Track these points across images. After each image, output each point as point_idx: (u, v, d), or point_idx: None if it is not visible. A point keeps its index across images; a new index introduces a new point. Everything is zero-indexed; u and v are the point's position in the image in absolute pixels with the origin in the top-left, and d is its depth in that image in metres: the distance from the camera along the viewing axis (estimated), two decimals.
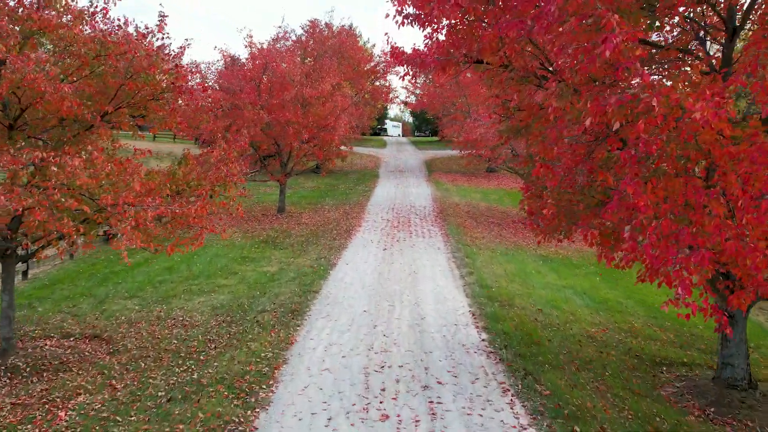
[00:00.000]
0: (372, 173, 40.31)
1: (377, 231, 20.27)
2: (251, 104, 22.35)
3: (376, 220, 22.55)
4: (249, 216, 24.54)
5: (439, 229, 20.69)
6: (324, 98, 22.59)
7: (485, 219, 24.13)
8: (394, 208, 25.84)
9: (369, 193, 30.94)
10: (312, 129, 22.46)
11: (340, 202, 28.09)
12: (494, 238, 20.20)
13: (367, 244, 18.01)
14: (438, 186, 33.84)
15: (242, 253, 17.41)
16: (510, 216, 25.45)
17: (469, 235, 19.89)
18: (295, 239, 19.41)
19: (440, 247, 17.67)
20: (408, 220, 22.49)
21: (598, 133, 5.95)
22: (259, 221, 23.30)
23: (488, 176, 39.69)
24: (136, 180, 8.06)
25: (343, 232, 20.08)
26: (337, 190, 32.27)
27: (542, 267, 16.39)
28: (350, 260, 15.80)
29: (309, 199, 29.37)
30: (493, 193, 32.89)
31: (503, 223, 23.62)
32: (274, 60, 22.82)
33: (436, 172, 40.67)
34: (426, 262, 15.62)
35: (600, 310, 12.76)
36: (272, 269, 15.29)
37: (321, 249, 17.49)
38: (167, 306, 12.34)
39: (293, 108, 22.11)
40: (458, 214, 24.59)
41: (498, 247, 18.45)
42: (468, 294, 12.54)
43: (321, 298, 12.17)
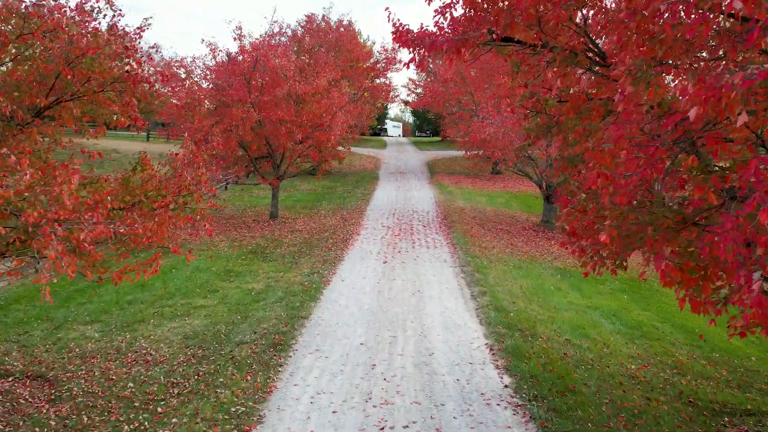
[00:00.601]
0: (372, 175, 38.54)
1: (377, 240, 18.50)
2: (240, 101, 20.59)
3: (375, 227, 20.78)
4: (239, 222, 22.78)
5: (445, 238, 18.91)
6: (319, 95, 20.82)
7: (493, 225, 22.36)
8: (395, 213, 24.06)
9: (368, 196, 29.17)
10: (306, 128, 20.69)
11: (338, 206, 26.32)
12: (505, 247, 18.43)
13: (365, 256, 16.24)
14: (441, 189, 32.07)
15: (227, 266, 15.64)
16: (519, 222, 23.68)
17: (477, 244, 18.11)
18: (286, 249, 17.64)
19: (446, 259, 15.90)
20: (410, 227, 20.72)
21: (690, 132, 4.20)
22: (249, 228, 21.53)
23: (493, 178, 37.92)
24: (65, 191, 6.28)
25: (339, 241, 18.31)
26: (335, 194, 30.50)
27: (562, 283, 14.62)
28: (346, 276, 14.03)
29: (304, 203, 27.60)
30: (499, 196, 31.13)
31: (513, 229, 21.85)
32: (266, 54, 21.04)
33: (439, 174, 38.91)
34: (432, 278, 13.84)
35: (635, 338, 10.98)
36: (258, 286, 13.51)
37: (314, 262, 15.71)
38: (132, 334, 10.57)
39: (286, 105, 20.34)
40: (464, 219, 22.82)
41: (510, 259, 16.68)
42: (482, 320, 10.75)
43: (310, 325, 10.39)
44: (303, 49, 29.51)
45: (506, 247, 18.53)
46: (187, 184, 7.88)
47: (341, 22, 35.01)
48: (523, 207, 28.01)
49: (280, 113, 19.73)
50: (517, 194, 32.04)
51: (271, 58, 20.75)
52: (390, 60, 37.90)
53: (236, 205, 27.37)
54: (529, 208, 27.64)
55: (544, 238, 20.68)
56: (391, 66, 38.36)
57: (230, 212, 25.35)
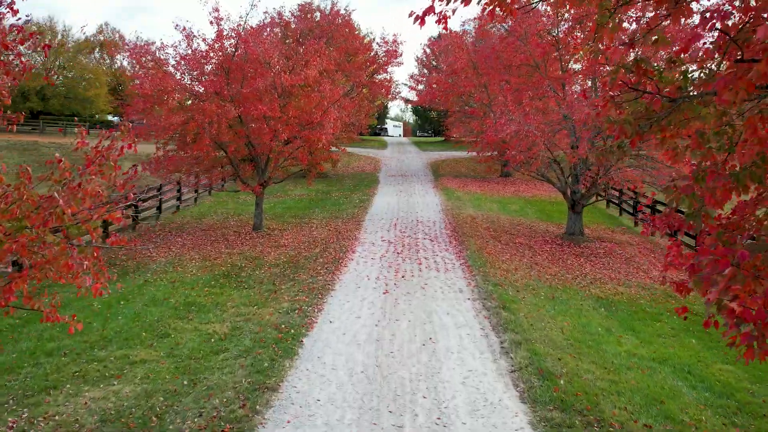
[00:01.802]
0: (371, 178, 35.50)
1: (376, 260, 15.45)
2: (216, 94, 17.56)
3: (374, 242, 17.72)
4: (217, 234, 19.75)
5: (457, 256, 15.86)
6: (309, 87, 17.78)
7: (510, 238, 19.31)
8: (397, 223, 21.01)
9: (367, 202, 26.13)
10: (293, 126, 17.66)
11: (332, 214, 23.27)
12: (529, 269, 15.39)
13: (361, 283, 13.19)
14: (447, 194, 29.02)
15: (189, 297, 12.60)
16: (539, 233, 20.63)
17: (496, 265, 15.07)
18: (266, 272, 14.59)
19: (462, 287, 12.84)
20: (415, 243, 17.67)
21: None
22: (228, 242, 18.48)
23: (503, 181, 34.90)
24: None
25: (330, 261, 15.26)
26: (329, 200, 27.46)
27: (610, 321, 11.56)
28: (336, 314, 10.97)
29: (295, 210, 24.55)
30: (512, 202, 28.09)
31: (534, 244, 18.80)
32: (247, 40, 18.01)
33: (444, 177, 35.87)
34: (446, 318, 10.78)
35: (730, 413, 7.94)
36: (222, 329, 10.45)
37: (298, 291, 12.66)
38: (31, 411, 7.53)
39: (269, 99, 17.31)
40: (477, 231, 19.78)
41: (539, 286, 13.63)
42: (523, 393, 7.69)
43: (279, 405, 7.31)
44: (291, 35, 26.40)
45: (530, 267, 15.48)
46: (59, 213, 4.79)
47: (337, 12, 31.93)
48: (539, 215, 24.96)
49: (262, 108, 16.69)
50: (531, 200, 29.01)
51: (252, 44, 17.71)
52: (391, 53, 34.87)
53: (219, 213, 24.32)
54: (547, 217, 24.60)
55: (571, 254, 17.63)
56: (392, 60, 35.33)
57: (210, 221, 22.32)
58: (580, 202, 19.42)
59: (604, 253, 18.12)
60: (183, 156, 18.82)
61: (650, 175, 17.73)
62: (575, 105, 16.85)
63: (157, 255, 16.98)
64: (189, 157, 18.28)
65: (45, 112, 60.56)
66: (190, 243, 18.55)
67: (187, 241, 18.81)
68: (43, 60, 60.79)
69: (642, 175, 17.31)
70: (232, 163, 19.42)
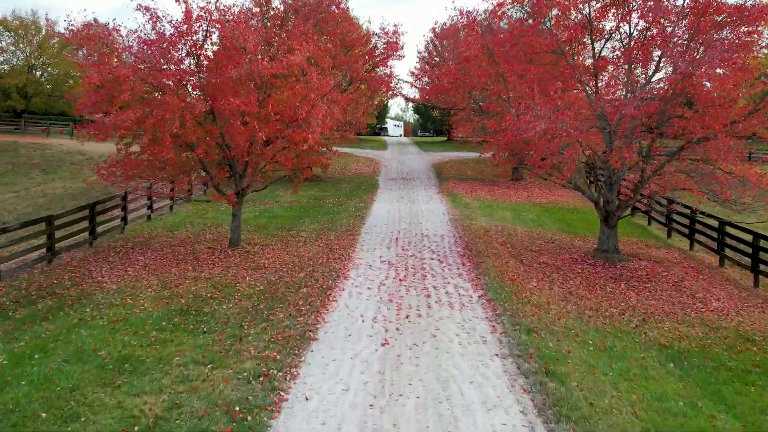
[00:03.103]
0: (369, 181, 32.49)
1: (373, 290, 12.45)
2: (184, 85, 14.58)
3: (371, 264, 14.72)
4: (187, 251, 16.74)
5: (473, 284, 12.86)
6: (293, 78, 14.76)
7: (533, 257, 16.30)
8: (399, 237, 18.01)
9: (364, 211, 23.12)
10: (274, 124, 14.65)
11: (324, 225, 20.27)
12: (564, 300, 12.39)
13: (353, 327, 10.17)
14: (454, 200, 26.01)
15: (128, 346, 9.58)
16: (564, 249, 17.61)
17: (524, 297, 12.05)
18: (234, 308, 11.57)
19: (486, 334, 9.80)
20: (421, 264, 14.65)
21: None
22: (198, 262, 15.47)
23: (513, 185, 31.89)
24: None
25: (316, 292, 12.24)
26: (322, 207, 24.43)
27: (687, 385, 8.54)
28: (316, 384, 7.92)
29: (282, 220, 21.52)
30: (527, 209, 25.07)
31: (561, 263, 15.79)
32: (219, 21, 15.01)
33: (449, 181, 32.87)
34: (470, 392, 7.71)
35: None
36: (155, 407, 7.43)
37: (269, 340, 9.63)
38: None
39: (245, 92, 14.30)
40: (493, 248, 16.78)
41: (584, 329, 10.61)
42: None
43: None
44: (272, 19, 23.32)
45: (565, 299, 12.46)
46: None
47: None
48: (560, 225, 21.95)
49: (235, 102, 13.67)
50: (547, 207, 26.00)
51: (225, 25, 14.71)
52: (391, 45, 31.84)
53: (195, 223, 21.27)
54: (568, 228, 21.59)
55: (608, 279, 14.63)
56: (393, 53, 32.30)
57: (183, 234, 19.28)
58: (615, 214, 16.41)
59: (647, 276, 15.11)
60: (144, 159, 15.80)
61: (705, 183, 14.69)
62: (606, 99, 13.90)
63: (109, 280, 13.96)
64: (153, 160, 15.27)
65: (30, 111, 57.58)
66: (153, 263, 15.53)
67: (150, 261, 15.79)
68: (26, 56, 57.97)
69: (697, 183, 14.27)
70: (205, 167, 16.40)
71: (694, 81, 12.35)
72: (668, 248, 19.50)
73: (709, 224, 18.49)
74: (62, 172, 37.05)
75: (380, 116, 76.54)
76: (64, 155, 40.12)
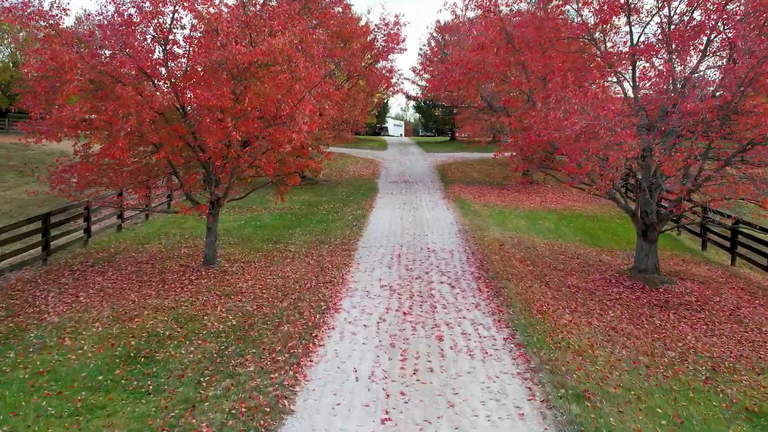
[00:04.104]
0: (368, 185, 30.02)
1: (370, 328, 9.99)
2: (144, 73, 12.15)
3: (369, 290, 12.27)
4: (155, 270, 14.30)
5: (496, 322, 10.40)
6: (277, 66, 12.29)
7: (559, 277, 13.87)
8: (402, 253, 15.57)
9: (362, 220, 20.67)
10: (253, 121, 12.19)
11: (317, 237, 17.83)
12: (606, 339, 9.94)
13: (343, 391, 7.71)
14: (462, 206, 23.57)
15: (40, 418, 7.14)
16: (593, 266, 15.16)
17: (561, 339, 9.61)
18: (194, 354, 9.12)
19: (522, 404, 7.31)
20: (429, 290, 12.21)
21: None
22: (165, 284, 13.03)
23: (524, 189, 29.44)
24: None
25: (299, 331, 9.80)
26: (316, 215, 21.97)
27: None
28: None
29: (269, 231, 19.06)
30: (542, 216, 22.62)
31: (595, 286, 13.35)
32: None
33: (455, 184, 30.42)
34: None
35: None
36: None
37: (230, 410, 7.18)
38: None
39: (216, 82, 11.86)
40: (511, 267, 14.34)
41: (641, 385, 8.15)
42: None
43: None
44: None
45: (611, 339, 10.00)
46: None
47: None
48: (582, 236, 19.49)
49: (204, 95, 11.22)
50: (564, 214, 23.54)
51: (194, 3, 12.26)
52: (392, 37, 29.39)
53: (171, 235, 18.81)
54: (591, 239, 19.14)
55: (654, 307, 12.18)
56: (394, 46, 29.85)
57: (155, 249, 16.83)
58: (655, 228, 13.97)
59: (698, 303, 12.66)
60: (104, 163, 13.34)
61: None
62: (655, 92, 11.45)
63: (53, 310, 11.51)
64: (112, 164, 12.84)
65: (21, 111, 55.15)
66: (111, 286, 13.08)
67: (108, 283, 13.35)
68: (11, 52, 55.46)
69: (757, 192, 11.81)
70: (175, 172, 13.95)
71: None
72: (708, 264, 17.06)
73: (756, 236, 16.10)
74: (39, 175, 34.69)
75: (380, 115, 74.12)
76: (45, 156, 37.64)
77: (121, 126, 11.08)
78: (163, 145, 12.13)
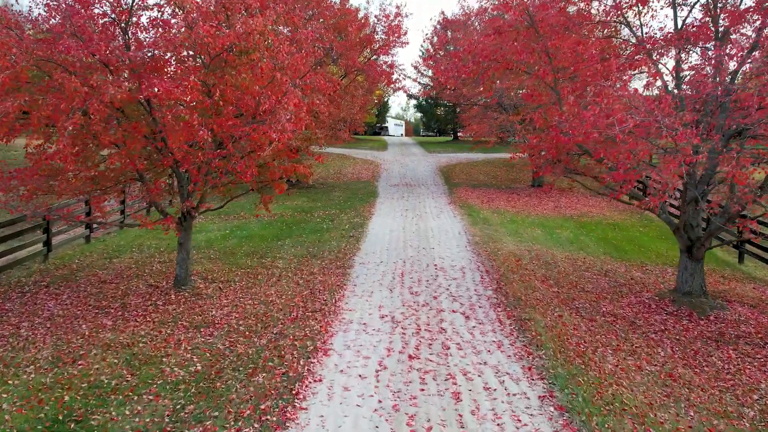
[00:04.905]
0: (367, 189, 27.95)
1: (368, 383, 7.90)
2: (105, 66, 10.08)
3: (367, 323, 10.19)
4: (116, 294, 12.23)
5: (525, 370, 8.31)
6: (256, 53, 10.22)
7: (590, 302, 11.80)
8: (405, 272, 13.51)
9: (360, 230, 18.60)
10: (228, 119, 10.11)
11: (308, 250, 15.78)
12: (664, 393, 7.86)
13: None
14: (470, 213, 21.51)
15: None
16: (623, 283, 13.08)
17: (610, 394, 7.53)
18: (138, 417, 7.03)
19: None
20: (439, 324, 10.12)
21: None
22: (126, 311, 10.96)
23: (534, 192, 27.40)
24: None
25: (277, 386, 7.72)
26: (309, 223, 19.89)
27: None
28: None
29: (256, 242, 16.99)
30: (558, 224, 20.55)
31: (630, 311, 11.28)
32: None
33: (460, 188, 28.36)
34: None
35: None
36: None
37: None
38: None
39: (182, 72, 9.78)
40: (534, 290, 12.28)
41: None
42: None
43: None
44: None
45: (670, 392, 7.90)
46: None
47: None
48: (606, 248, 17.41)
49: (163, 86, 9.15)
50: (581, 221, 21.47)
51: None
52: (393, 29, 27.32)
53: (144, 247, 16.73)
54: (617, 252, 17.06)
55: (707, 340, 10.10)
56: (395, 39, 27.77)
57: (123, 264, 14.77)
58: (703, 244, 11.90)
59: (758, 335, 10.58)
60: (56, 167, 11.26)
61: None
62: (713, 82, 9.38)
63: None
64: (53, 170, 10.77)
65: None
66: (61, 313, 11.02)
67: (60, 309, 11.29)
68: None
69: None
70: (141, 178, 11.85)
71: None
72: (752, 281, 14.99)
73: None
74: None
75: (380, 114, 72.08)
76: None
77: (62, 124, 9.01)
78: (120, 148, 10.04)
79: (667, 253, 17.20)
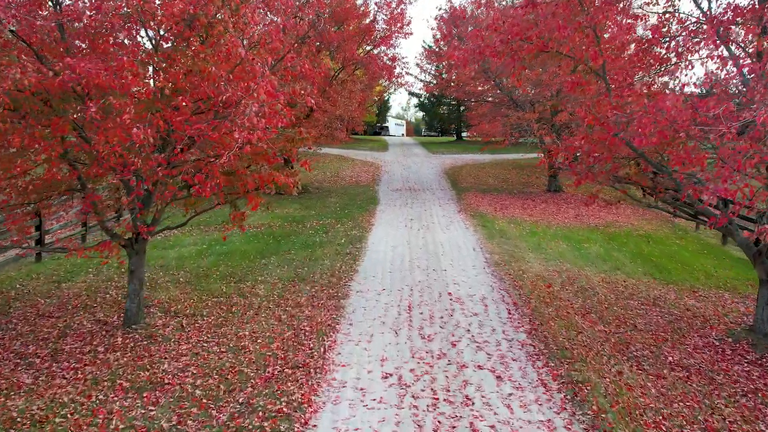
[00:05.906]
0: (367, 194, 25.40)
1: None
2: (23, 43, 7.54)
3: (365, 389, 7.63)
4: (51, 335, 9.67)
5: None
6: (217, 30, 7.67)
7: (646, 345, 9.26)
8: (413, 304, 10.94)
9: (358, 245, 16.02)
10: (181, 113, 7.55)
11: (296, 272, 13.24)
12: None
13: None
14: (484, 223, 18.96)
15: None
16: (680, 317, 10.53)
17: None
18: None
19: None
20: (461, 385, 7.57)
21: None
22: (50, 365, 8.40)
23: (551, 198, 24.89)
24: None
25: None
26: (300, 235, 17.33)
27: None
28: None
29: (236, 260, 14.42)
30: (584, 236, 17.98)
31: (701, 360, 8.74)
32: None
33: (468, 192, 25.82)
34: None
35: None
36: None
37: None
38: None
39: (120, 50, 7.25)
40: (575, 330, 9.74)
41: None
42: None
43: None
44: None
45: None
46: None
47: None
48: (645, 266, 14.85)
49: (85, 67, 6.61)
50: (609, 232, 18.89)
51: None
52: (395, 18, 24.79)
53: (101, 271, 14.05)
54: (660, 272, 14.48)
55: None
56: (397, 29, 25.23)
57: (72, 291, 12.21)
58: None
59: None
60: None
61: None
62: None
63: None
64: None
65: None
66: None
67: None
68: None
69: None
70: (82, 184, 9.26)
71: None
72: None
73: None
74: None
75: (381, 113, 69.57)
76: None
77: None
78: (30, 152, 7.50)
79: (717, 273, 14.66)
